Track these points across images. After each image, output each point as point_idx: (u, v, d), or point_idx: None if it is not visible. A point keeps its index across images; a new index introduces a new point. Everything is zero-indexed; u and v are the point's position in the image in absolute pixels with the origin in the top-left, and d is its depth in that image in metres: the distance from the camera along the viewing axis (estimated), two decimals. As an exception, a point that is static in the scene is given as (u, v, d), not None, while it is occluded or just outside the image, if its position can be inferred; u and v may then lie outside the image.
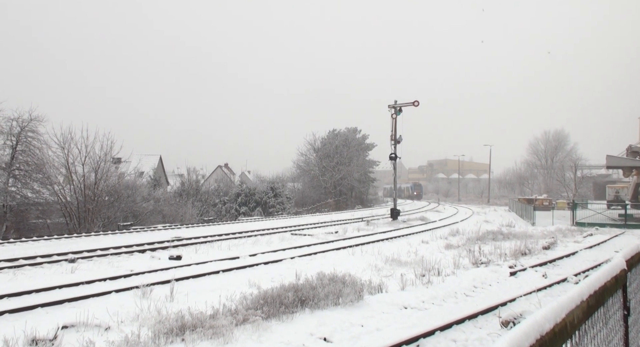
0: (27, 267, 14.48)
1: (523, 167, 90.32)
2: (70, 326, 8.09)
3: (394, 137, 35.07)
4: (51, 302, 9.74)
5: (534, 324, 1.67)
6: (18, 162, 29.72)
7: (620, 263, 2.90)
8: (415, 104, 34.37)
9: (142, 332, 7.61)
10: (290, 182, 64.03)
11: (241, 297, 9.61)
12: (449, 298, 10.40)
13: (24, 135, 29.80)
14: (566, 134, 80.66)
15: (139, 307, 9.17)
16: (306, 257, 16.53)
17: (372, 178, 73.10)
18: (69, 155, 30.37)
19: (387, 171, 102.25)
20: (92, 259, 16.18)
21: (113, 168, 34.40)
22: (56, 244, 19.95)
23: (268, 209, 48.70)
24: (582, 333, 2.13)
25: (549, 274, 13.07)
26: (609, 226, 28.89)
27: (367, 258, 16.02)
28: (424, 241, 21.34)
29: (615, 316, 2.83)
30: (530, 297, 10.17)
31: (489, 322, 8.55)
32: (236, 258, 16.14)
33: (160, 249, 18.74)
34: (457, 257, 15.50)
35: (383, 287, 10.98)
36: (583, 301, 2.10)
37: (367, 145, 69.22)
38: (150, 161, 57.34)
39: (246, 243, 20.68)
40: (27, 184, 29.74)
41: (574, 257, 16.41)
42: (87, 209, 29.88)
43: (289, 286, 10.00)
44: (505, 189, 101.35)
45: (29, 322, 8.19)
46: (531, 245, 18.38)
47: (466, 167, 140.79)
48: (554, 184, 71.37)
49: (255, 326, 7.98)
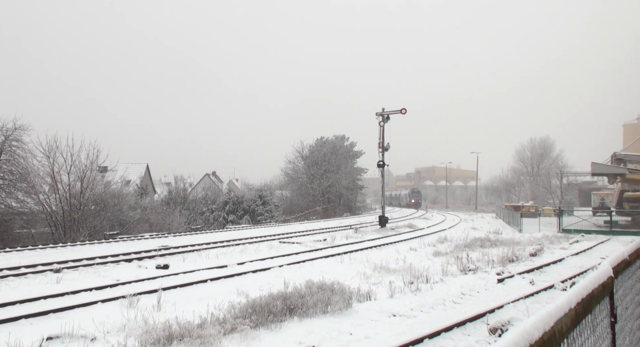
0: (11, 278, 14.24)
1: (510, 174, 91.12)
2: (55, 337, 7.96)
3: (382, 145, 35.20)
4: (36, 313, 9.58)
5: (523, 333, 1.68)
6: (2, 172, 29.34)
7: (607, 270, 2.92)
8: (402, 112, 34.57)
9: (128, 342, 7.52)
10: (278, 190, 63.93)
11: (229, 306, 9.55)
12: (437, 305, 10.42)
13: (8, 144, 29.46)
14: (552, 141, 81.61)
15: (126, 317, 9.05)
16: (295, 265, 16.47)
17: (360, 185, 73.24)
18: (54, 164, 30.08)
19: (375, 179, 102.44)
20: (78, 269, 15.98)
21: (99, 177, 34.10)
22: (41, 254, 19.68)
23: (256, 217, 48.53)
24: (570, 341, 2.13)
25: (536, 281, 13.15)
26: (594, 232, 29.15)
27: (356, 266, 16.01)
28: (412, 248, 21.38)
29: (602, 323, 2.85)
30: (518, 304, 10.21)
31: (477, 329, 8.56)
32: (224, 267, 16.04)
33: (147, 258, 18.56)
34: (445, 265, 15.54)
35: (372, 295, 10.97)
36: (571, 308, 2.11)
37: (355, 153, 69.41)
38: (137, 170, 56.93)
39: (234, 251, 20.56)
40: (11, 194, 29.35)
41: (561, 264, 16.54)
42: (72, 219, 29.54)
43: (277, 295, 9.96)
44: (492, 196, 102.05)
45: (13, 333, 8.04)
46: (518, 252, 18.48)
47: (454, 175, 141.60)
48: (540, 191, 72.08)
49: (243, 335, 7.92)
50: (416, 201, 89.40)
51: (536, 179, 77.13)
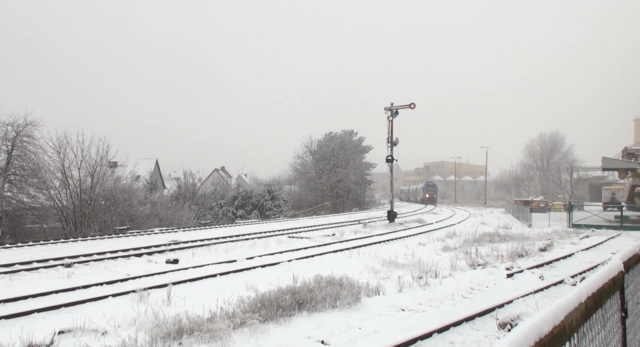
0: (23, 273, 14.40)
1: (519, 169, 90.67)
2: (66, 331, 8.04)
3: (391, 140, 35.10)
4: (47, 308, 9.67)
5: (532, 327, 1.67)
6: (14, 167, 29.62)
7: (617, 265, 2.90)
8: (411, 107, 34.44)
9: (139, 336, 7.57)
10: (287, 184, 63.98)
11: (238, 300, 9.58)
12: (446, 300, 10.40)
13: (19, 140, 29.72)
14: (562, 135, 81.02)
15: (136, 311, 9.12)
16: (303, 260, 16.51)
17: (368, 180, 73.14)
18: (64, 159, 30.30)
19: (384, 174, 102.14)
20: (89, 264, 16.11)
21: (109, 172, 34.31)
22: (52, 249, 19.87)
23: (265, 212, 48.65)
24: (580, 335, 2.13)
25: (545, 275, 13.09)
26: (605, 227, 28.94)
27: (365, 260, 16.01)
28: (421, 243, 21.34)
29: (613, 318, 2.84)
30: (527, 299, 10.18)
31: (487, 324, 8.55)
32: (233, 261, 16.10)
33: (157, 252, 18.68)
34: (454, 259, 15.50)
35: (380, 290, 10.97)
36: (581, 303, 2.10)
37: (363, 148, 69.28)
38: (146, 165, 57.25)
39: (243, 246, 20.63)
40: (22, 189, 29.63)
41: (571, 259, 16.44)
42: (83, 214, 29.77)
43: (286, 289, 9.98)
44: (502, 190, 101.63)
45: (25, 327, 8.13)
46: (528, 247, 18.40)
47: (462, 169, 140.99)
48: (550, 185, 71.58)
49: (252, 329, 7.96)
50: (431, 196, 79.49)
51: (546, 174, 76.61)
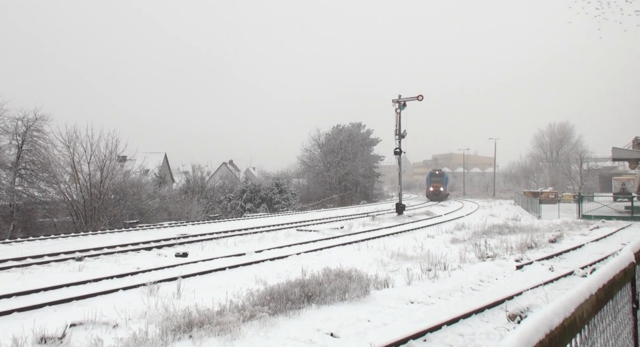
0: (35, 266, 14.55)
1: (528, 161, 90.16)
2: (78, 324, 8.12)
3: (399, 132, 35.00)
4: (59, 301, 9.78)
5: (543, 319, 1.66)
6: (24, 162, 29.84)
7: (628, 256, 2.88)
8: (419, 99, 34.28)
9: (149, 329, 7.64)
10: (295, 178, 63.98)
11: (248, 293, 9.63)
12: (455, 292, 10.39)
13: (29, 134, 29.90)
14: (571, 126, 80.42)
15: (146, 304, 9.20)
16: (312, 253, 16.54)
17: (377, 173, 73.00)
18: (74, 154, 30.43)
19: (392, 166, 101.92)
20: (99, 257, 16.25)
21: (118, 166, 34.44)
22: (63, 243, 20.05)
23: (273, 206, 48.75)
24: (591, 327, 2.11)
25: (555, 267, 13.03)
26: (615, 218, 28.75)
27: (373, 253, 16.02)
28: (429, 235, 21.31)
29: (624, 310, 2.82)
30: (537, 290, 10.14)
31: (496, 316, 8.53)
32: (242, 255, 16.17)
33: (167, 246, 18.79)
34: (463, 251, 15.47)
35: (389, 282, 10.98)
36: (592, 294, 2.08)
37: (371, 141, 69.11)
38: (155, 159, 57.44)
39: (252, 240, 20.71)
40: (33, 183, 29.85)
41: (581, 250, 16.35)
42: (93, 208, 29.97)
43: (295, 282, 10.01)
44: (511, 182, 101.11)
45: (38, 320, 8.23)
46: (537, 238, 18.32)
47: (471, 161, 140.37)
48: (559, 177, 71.12)
49: (262, 322, 8.00)
50: (436, 190, 65.07)
51: (555, 165, 76.13)
